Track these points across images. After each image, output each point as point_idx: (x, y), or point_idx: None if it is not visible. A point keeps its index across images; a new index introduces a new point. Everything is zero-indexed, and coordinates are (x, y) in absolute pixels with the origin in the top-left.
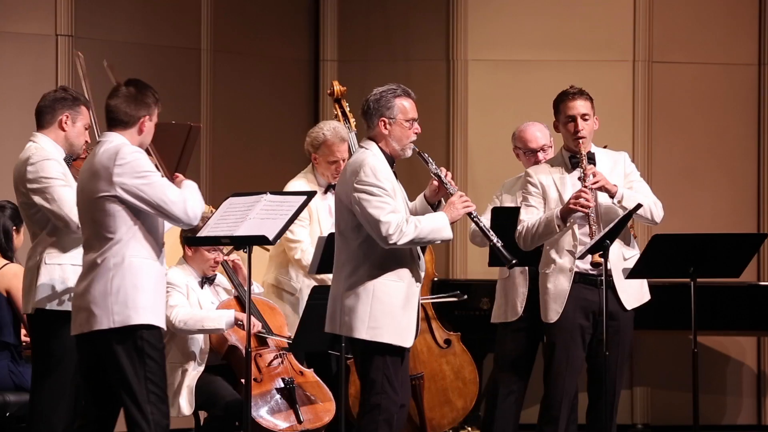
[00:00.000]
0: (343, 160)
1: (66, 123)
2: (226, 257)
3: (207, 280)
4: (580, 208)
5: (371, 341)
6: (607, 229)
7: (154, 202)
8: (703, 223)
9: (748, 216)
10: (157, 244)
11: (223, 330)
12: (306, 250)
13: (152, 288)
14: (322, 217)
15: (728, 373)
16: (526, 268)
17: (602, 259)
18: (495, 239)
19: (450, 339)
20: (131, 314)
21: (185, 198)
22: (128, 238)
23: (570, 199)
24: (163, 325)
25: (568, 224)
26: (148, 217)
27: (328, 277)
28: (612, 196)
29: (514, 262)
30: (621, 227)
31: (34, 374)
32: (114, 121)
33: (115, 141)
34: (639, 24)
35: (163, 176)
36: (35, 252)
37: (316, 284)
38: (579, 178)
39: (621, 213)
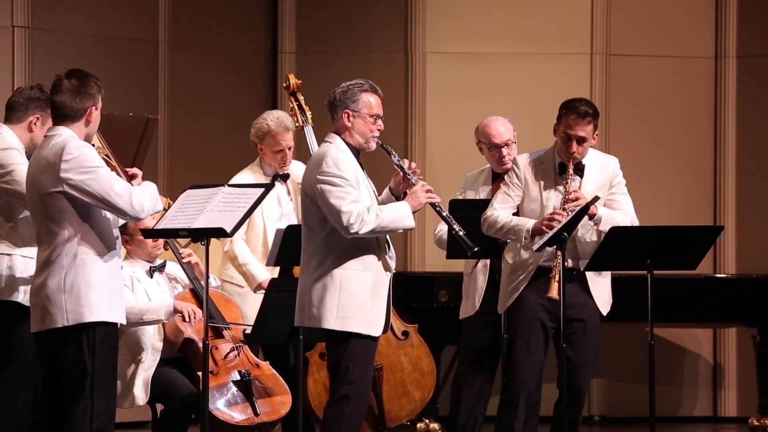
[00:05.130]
0: (289, 149)
1: (35, 124)
2: (183, 249)
3: (156, 269)
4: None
5: (341, 331)
6: (564, 222)
7: (99, 195)
8: (660, 215)
9: (705, 208)
10: (110, 239)
11: (163, 320)
12: (235, 241)
13: (105, 284)
14: (266, 207)
15: (685, 365)
16: (488, 262)
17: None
18: (457, 227)
19: (407, 331)
20: (84, 312)
21: (131, 191)
22: (80, 235)
23: (544, 219)
24: (118, 320)
25: (534, 241)
26: (100, 212)
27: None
28: (591, 217)
29: (476, 249)
30: (578, 220)
31: None
32: (61, 117)
33: (63, 135)
34: (597, 16)
35: (112, 169)
36: None
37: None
38: (563, 196)
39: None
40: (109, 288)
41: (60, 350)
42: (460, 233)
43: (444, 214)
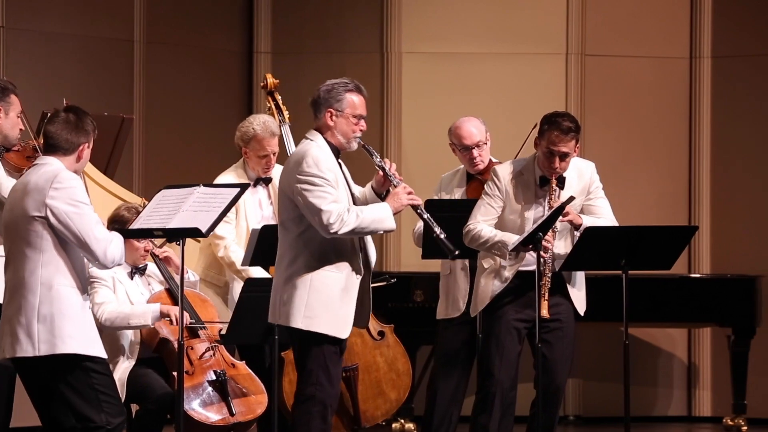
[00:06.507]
0: (274, 154)
1: None
2: (157, 249)
3: (137, 270)
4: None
5: (307, 331)
6: (539, 222)
7: (79, 233)
8: (635, 215)
9: (680, 208)
10: (83, 277)
11: (149, 325)
12: (229, 247)
13: (80, 317)
14: (249, 211)
15: (659, 365)
16: (467, 263)
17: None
18: (438, 230)
19: (383, 331)
20: (57, 343)
21: (110, 240)
22: (57, 265)
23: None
24: (94, 352)
25: (519, 256)
26: (77, 249)
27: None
28: (577, 228)
29: (457, 253)
30: (553, 221)
31: None
32: (53, 147)
33: (54, 165)
34: (572, 17)
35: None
36: None
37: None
38: (547, 210)
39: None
40: (84, 321)
41: (36, 380)
42: (441, 236)
43: (425, 216)
